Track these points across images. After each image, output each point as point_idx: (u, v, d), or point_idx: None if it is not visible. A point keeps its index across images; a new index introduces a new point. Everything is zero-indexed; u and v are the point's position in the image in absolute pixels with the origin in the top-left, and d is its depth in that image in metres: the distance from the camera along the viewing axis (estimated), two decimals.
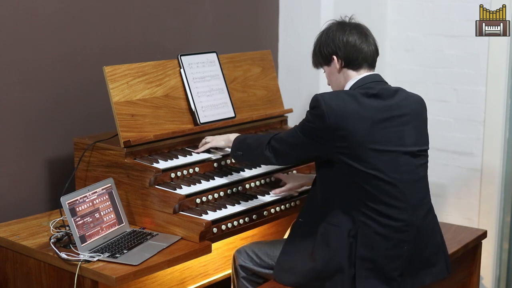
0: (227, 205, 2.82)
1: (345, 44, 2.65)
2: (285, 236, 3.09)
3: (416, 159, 2.62)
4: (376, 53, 2.71)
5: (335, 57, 2.67)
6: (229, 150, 2.93)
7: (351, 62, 2.66)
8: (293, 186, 3.04)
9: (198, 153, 2.99)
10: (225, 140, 2.98)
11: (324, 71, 2.77)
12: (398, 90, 2.66)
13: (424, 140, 2.69)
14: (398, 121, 2.59)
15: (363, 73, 2.66)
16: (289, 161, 2.83)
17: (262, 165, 3.10)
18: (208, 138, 3.03)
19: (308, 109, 2.60)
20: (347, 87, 2.66)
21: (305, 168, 3.26)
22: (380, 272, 2.55)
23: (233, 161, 3.03)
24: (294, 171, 3.24)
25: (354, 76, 2.66)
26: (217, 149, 3.02)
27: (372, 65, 2.70)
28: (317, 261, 2.58)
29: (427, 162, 2.69)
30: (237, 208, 2.83)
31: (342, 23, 2.71)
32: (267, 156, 2.73)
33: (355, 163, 2.50)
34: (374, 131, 2.52)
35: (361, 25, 2.72)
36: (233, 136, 2.94)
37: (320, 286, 2.58)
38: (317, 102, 2.54)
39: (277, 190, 3.01)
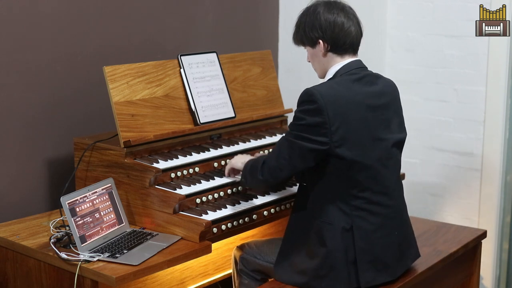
0: (227, 205, 2.82)
1: (332, 28, 2.56)
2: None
3: (398, 146, 2.66)
4: (361, 35, 2.64)
5: (321, 41, 2.59)
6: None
7: (338, 47, 2.58)
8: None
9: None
10: (243, 163, 2.83)
11: (306, 49, 2.68)
12: (379, 77, 2.66)
13: (403, 126, 2.71)
14: (385, 109, 2.60)
15: (348, 59, 2.61)
16: (286, 174, 2.60)
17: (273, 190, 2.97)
18: (231, 161, 2.92)
19: (298, 106, 2.51)
20: (331, 71, 2.62)
21: None
22: (378, 261, 2.57)
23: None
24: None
25: (339, 62, 2.61)
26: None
27: (356, 51, 2.64)
28: (314, 259, 2.58)
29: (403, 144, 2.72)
30: (237, 208, 2.83)
31: (329, 4, 2.61)
32: (260, 179, 2.63)
33: (352, 154, 2.49)
34: (368, 118, 2.53)
35: (346, 6, 2.63)
36: (249, 158, 2.82)
37: (319, 284, 2.59)
38: (312, 96, 2.47)
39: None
